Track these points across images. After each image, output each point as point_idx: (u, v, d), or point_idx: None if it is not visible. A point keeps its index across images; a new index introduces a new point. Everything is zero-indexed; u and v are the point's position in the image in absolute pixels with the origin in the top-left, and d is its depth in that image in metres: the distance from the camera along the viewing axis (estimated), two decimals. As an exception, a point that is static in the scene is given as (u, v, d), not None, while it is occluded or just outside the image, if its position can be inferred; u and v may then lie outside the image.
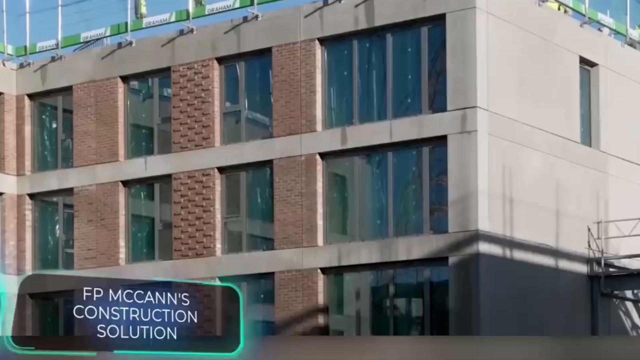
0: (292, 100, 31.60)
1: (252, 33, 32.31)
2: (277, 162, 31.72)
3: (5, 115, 36.12)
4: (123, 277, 33.15)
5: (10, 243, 35.95)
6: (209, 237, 32.73)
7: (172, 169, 33.49)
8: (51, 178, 35.93)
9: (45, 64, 36.22)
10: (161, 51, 33.91)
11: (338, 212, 31.90)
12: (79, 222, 34.97)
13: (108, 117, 34.67)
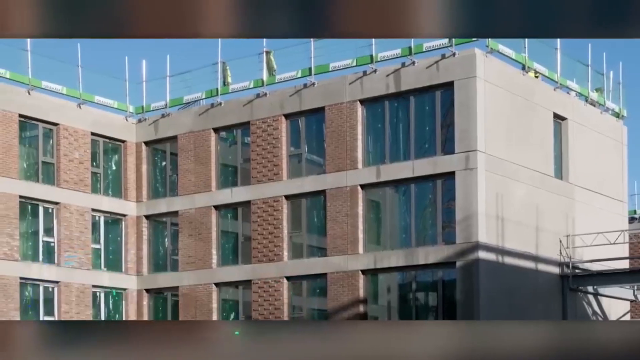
0: (339, 145, 32.16)
1: (310, 96, 32.94)
2: (328, 191, 32.41)
3: (128, 157, 36.95)
4: (214, 277, 35.73)
5: (132, 252, 36.89)
6: (278, 247, 33.43)
7: (251, 196, 34.10)
8: (161, 204, 36.65)
9: (157, 119, 36.91)
10: (243, 110, 34.48)
11: (374, 228, 32.22)
12: (182, 236, 35.83)
13: (203, 159, 35.25)
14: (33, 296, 34.19)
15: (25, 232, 34.16)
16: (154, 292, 36.96)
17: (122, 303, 36.93)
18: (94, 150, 36.18)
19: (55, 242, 34.62)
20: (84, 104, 35.76)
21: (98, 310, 36.11)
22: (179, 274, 35.96)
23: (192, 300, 35.48)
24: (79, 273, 35.00)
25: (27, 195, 33.72)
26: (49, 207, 34.52)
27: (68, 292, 34.59)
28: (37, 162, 34.54)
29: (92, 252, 35.81)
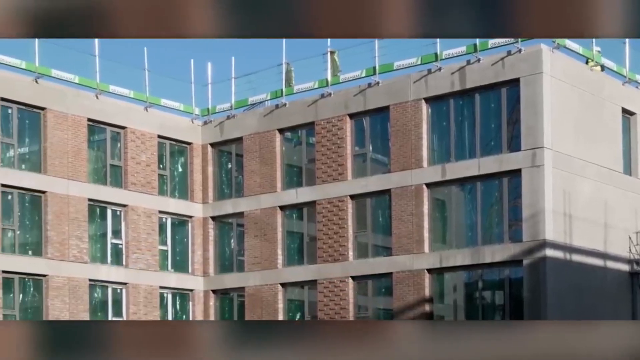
0: (404, 144, 32.56)
1: (374, 95, 33.39)
2: (393, 190, 32.84)
3: (194, 159, 37.94)
4: (280, 277, 36.48)
5: (198, 253, 37.87)
6: (343, 246, 34.01)
7: (316, 197, 34.79)
8: (227, 205, 37.53)
9: (222, 121, 37.78)
10: (307, 110, 35.13)
11: (439, 227, 32.62)
12: (248, 236, 36.66)
13: (268, 159, 36.04)
14: (102, 297, 35.44)
15: (94, 234, 35.40)
16: (220, 292, 37.90)
17: (189, 304, 37.97)
18: (160, 153, 37.28)
19: (123, 244, 35.84)
20: (150, 107, 36.88)
21: (165, 311, 37.26)
22: (245, 275, 36.81)
23: (258, 300, 36.35)
24: (147, 274, 36.16)
25: (95, 198, 34.93)
26: (117, 209, 35.72)
27: (136, 294, 35.78)
28: (105, 165, 35.77)
29: (159, 253, 36.94)
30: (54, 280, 33.39)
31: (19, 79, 33.14)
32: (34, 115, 33.63)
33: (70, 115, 34.18)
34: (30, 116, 33.60)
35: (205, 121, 38.51)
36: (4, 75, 32.64)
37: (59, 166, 33.75)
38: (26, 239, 33.58)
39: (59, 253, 33.59)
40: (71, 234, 33.88)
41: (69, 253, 33.84)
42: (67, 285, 33.65)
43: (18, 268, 32.77)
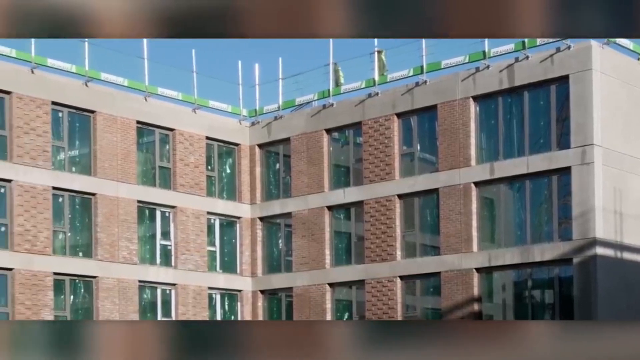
0: (452, 143, 32.68)
1: (422, 94, 33.51)
2: (442, 189, 32.99)
3: (242, 160, 38.49)
4: (328, 277, 36.71)
5: (246, 254, 38.36)
6: (391, 246, 34.19)
7: (363, 196, 35.01)
8: (275, 205, 38.01)
9: (270, 122, 38.22)
10: (354, 110, 35.36)
11: (488, 226, 32.68)
12: (296, 237, 37.07)
13: (316, 160, 36.42)
14: (151, 298, 36.00)
15: (143, 235, 36.01)
16: (268, 293, 38.26)
17: (237, 304, 38.39)
18: (208, 154, 37.80)
19: (172, 245, 36.39)
20: (199, 109, 37.41)
21: (214, 311, 37.73)
22: (293, 275, 37.13)
23: (306, 300, 36.64)
24: (195, 275, 36.63)
25: (144, 200, 35.50)
26: (165, 211, 36.27)
27: (185, 294, 36.28)
28: (154, 167, 36.35)
29: (208, 254, 37.44)
30: (104, 282, 33.98)
31: (70, 82, 33.80)
32: (84, 118, 34.26)
33: (119, 117, 34.77)
34: (81, 119, 34.24)
35: (253, 122, 39.02)
36: (55, 79, 33.30)
37: (108, 168, 34.34)
38: (77, 240, 34.22)
39: (109, 254, 34.18)
40: (121, 236, 34.44)
41: (118, 254, 34.42)
42: (117, 286, 34.24)
43: (69, 270, 33.40)
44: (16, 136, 31.90)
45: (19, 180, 32.03)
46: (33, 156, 32.34)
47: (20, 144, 32.02)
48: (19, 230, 31.87)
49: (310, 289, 36.58)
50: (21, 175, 32.05)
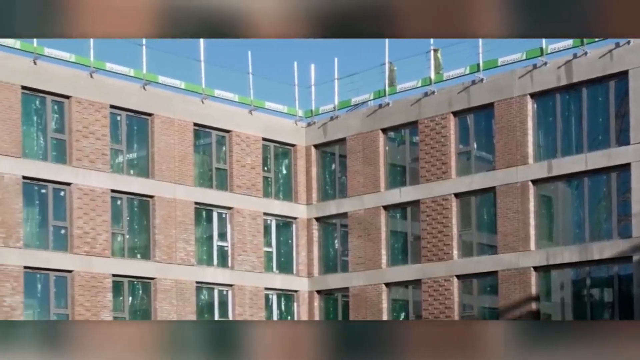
0: (509, 141, 32.67)
1: (478, 92, 33.59)
2: (498, 188, 32.98)
3: (298, 160, 38.90)
4: (384, 277, 36.82)
5: (302, 254, 38.75)
6: (448, 245, 34.30)
7: (420, 196, 35.18)
8: (331, 205, 38.32)
9: (325, 122, 38.60)
10: (410, 109, 35.49)
11: (546, 224, 32.59)
12: (352, 237, 37.30)
13: (372, 159, 36.64)
14: (208, 299, 36.46)
15: (200, 237, 36.48)
16: (324, 293, 38.51)
17: (294, 305, 38.67)
18: (265, 155, 38.22)
19: (228, 246, 36.83)
20: (255, 110, 37.83)
21: (271, 312, 38.07)
22: (349, 275, 37.30)
23: (362, 300, 36.78)
24: (252, 276, 37.02)
25: (201, 202, 35.95)
26: (222, 212, 36.72)
27: (242, 295, 36.68)
28: (210, 169, 36.81)
29: (264, 255, 37.84)
30: (162, 283, 34.49)
31: (128, 86, 34.40)
32: (141, 121, 34.84)
33: (176, 120, 35.28)
34: (138, 122, 34.83)
35: (308, 123, 39.39)
36: (113, 83, 33.92)
37: (166, 171, 34.87)
38: (135, 242, 34.79)
39: (167, 256, 34.69)
40: (178, 237, 34.94)
41: (176, 256, 34.92)
42: (174, 287, 34.73)
43: (127, 271, 33.97)
44: (75, 140, 32.55)
45: (78, 184, 32.65)
46: (92, 159, 32.97)
47: (80, 148, 32.67)
48: (78, 232, 32.51)
49: (366, 289, 36.73)
50: (80, 178, 32.69)
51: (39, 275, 31.97)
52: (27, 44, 31.50)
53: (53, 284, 32.21)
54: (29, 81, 31.56)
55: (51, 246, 32.30)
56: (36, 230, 32.37)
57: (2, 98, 30.77)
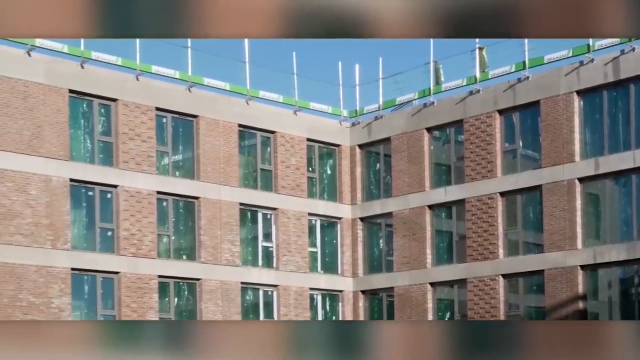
0: (555, 139, 32.68)
1: (524, 90, 33.61)
2: (545, 186, 32.97)
3: (342, 161, 39.13)
4: (429, 277, 36.93)
5: (347, 254, 39.00)
6: (493, 244, 34.36)
7: (465, 195, 35.30)
8: (376, 205, 38.50)
9: (370, 122, 38.81)
10: (455, 108, 35.64)
11: (593, 222, 32.54)
12: (397, 236, 37.51)
13: (417, 159, 36.78)
14: (253, 300, 36.88)
15: (245, 238, 36.95)
16: (369, 293, 38.73)
17: (339, 305, 38.90)
18: (309, 156, 38.59)
19: (273, 247, 37.23)
20: (299, 111, 38.20)
21: (315, 312, 38.35)
22: (394, 275, 37.52)
23: (407, 300, 36.93)
24: (297, 276, 37.37)
25: (246, 202, 36.36)
26: (267, 212, 37.11)
27: (286, 295, 37.00)
28: (255, 170, 37.26)
29: (309, 255, 38.21)
30: (207, 284, 34.92)
31: (173, 88, 34.89)
32: (187, 123, 35.31)
33: (221, 121, 35.70)
34: (184, 124, 35.30)
35: (353, 123, 39.63)
36: (159, 86, 34.43)
37: (211, 172, 35.29)
38: (180, 244, 35.27)
39: (212, 257, 35.12)
40: (223, 238, 35.34)
41: (221, 257, 35.34)
42: (219, 288, 35.14)
43: (173, 272, 34.47)
44: (122, 142, 33.10)
45: (125, 186, 33.20)
46: (138, 161, 33.49)
47: (126, 150, 33.21)
48: (124, 234, 33.06)
49: (411, 289, 36.87)
50: (127, 180, 33.23)
51: (86, 277, 32.57)
52: (74, 48, 32.11)
53: (100, 285, 32.78)
54: (76, 85, 32.21)
55: (98, 248, 32.89)
56: (83, 232, 32.97)
57: (50, 102, 31.41)
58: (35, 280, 30.84)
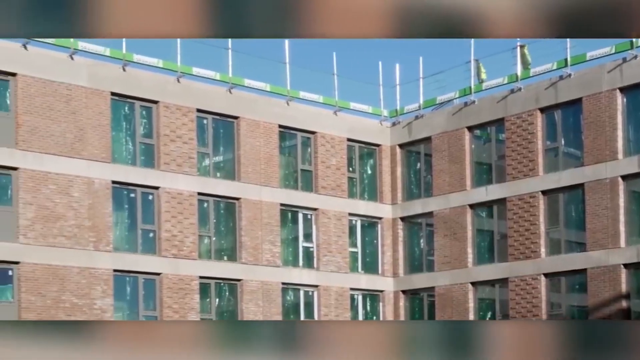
0: (598, 136, 32.76)
1: (566, 87, 33.72)
2: (587, 184, 33.10)
3: (383, 160, 39.52)
4: (470, 276, 37.13)
5: (388, 254, 39.38)
6: (535, 243, 34.45)
7: (506, 193, 35.46)
8: (416, 205, 38.82)
9: (410, 122, 39.11)
10: (496, 106, 35.78)
11: (636, 220, 32.50)
12: (437, 236, 37.82)
13: (457, 158, 37.06)
14: (294, 300, 37.40)
15: (286, 238, 37.52)
16: (410, 293, 39.05)
17: (379, 305, 39.18)
18: (349, 156, 39.00)
19: (314, 247, 37.72)
20: (339, 111, 38.64)
21: (356, 312, 38.70)
22: (435, 274, 37.84)
23: (448, 300, 37.15)
24: (337, 276, 37.80)
25: (287, 203, 36.84)
26: (307, 213, 37.59)
27: (327, 296, 37.40)
28: (296, 170, 37.80)
29: (350, 255, 38.62)
30: (248, 284, 35.41)
31: (214, 90, 35.46)
32: (227, 124, 35.83)
33: (262, 122, 36.21)
34: (224, 125, 35.82)
35: (393, 122, 40.00)
36: (200, 87, 35.01)
37: (252, 173, 35.79)
38: (221, 244, 35.83)
39: (253, 258, 35.64)
40: (264, 239, 35.80)
41: (262, 257, 35.85)
42: (260, 288, 35.62)
43: (214, 273, 35.04)
44: (163, 144, 33.68)
45: (166, 187, 33.79)
46: (179, 163, 34.05)
47: (167, 152, 33.80)
48: (166, 235, 33.63)
49: (452, 289, 37.09)
50: (168, 182, 33.81)
51: (128, 278, 33.24)
52: (116, 51, 32.75)
53: (142, 286, 33.42)
54: (118, 87, 32.90)
55: (140, 249, 33.54)
56: (125, 234, 33.62)
57: (93, 105, 32.08)
58: (78, 281, 31.49)
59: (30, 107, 30.82)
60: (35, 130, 30.88)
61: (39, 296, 30.68)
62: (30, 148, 30.79)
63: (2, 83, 30.70)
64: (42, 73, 31.12)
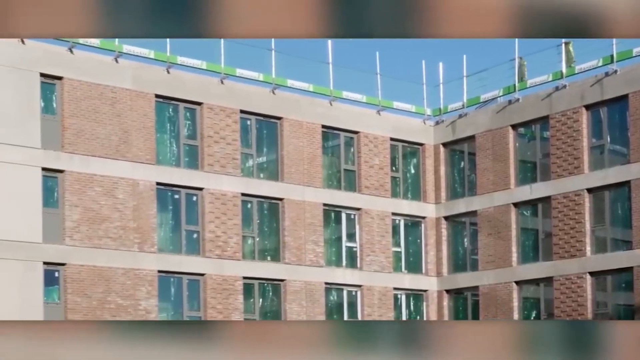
0: (645, 133, 32.89)
1: (612, 84, 33.81)
2: (633, 182, 33.18)
3: (426, 160, 39.83)
4: (515, 275, 37.35)
5: (431, 253, 39.72)
6: (580, 242, 34.58)
7: (551, 192, 35.60)
8: (460, 204, 39.13)
9: (454, 120, 39.45)
10: (541, 104, 35.95)
11: (683, 218, 32.64)
12: (482, 235, 38.03)
13: (501, 156, 37.22)
14: (337, 300, 38.05)
15: (329, 238, 38.13)
16: (454, 292, 39.46)
17: (423, 304, 39.52)
18: (393, 155, 39.48)
19: (357, 247, 38.25)
20: (383, 111, 39.15)
21: (399, 312, 39.16)
22: (479, 274, 38.17)
23: (492, 299, 37.42)
24: (381, 276, 38.34)
25: (330, 203, 37.42)
26: (351, 213, 38.13)
27: (370, 295, 37.90)
28: (339, 170, 38.36)
29: (393, 255, 39.13)
30: (292, 285, 36.00)
31: (257, 91, 36.12)
32: (271, 125, 36.45)
33: (305, 123, 36.80)
34: (268, 126, 36.46)
35: (437, 121, 40.38)
36: (243, 89, 35.68)
37: (295, 173, 36.39)
38: (265, 245, 36.47)
39: (296, 258, 36.27)
40: (307, 239, 36.36)
41: (305, 257, 36.45)
42: (304, 289, 36.20)
43: (258, 274, 35.71)
44: (207, 145, 34.37)
45: (210, 188, 34.47)
46: (223, 164, 34.71)
47: (211, 153, 34.48)
48: (210, 236, 34.30)
49: (496, 288, 37.34)
50: (212, 183, 34.50)
51: (172, 279, 33.99)
52: (160, 54, 33.47)
53: (186, 287, 34.15)
54: (162, 89, 33.69)
55: (184, 250, 34.28)
56: (169, 235, 34.39)
57: (137, 107, 32.87)
58: (123, 282, 32.27)
59: (76, 110, 31.67)
60: (81, 133, 31.73)
61: (85, 297, 31.51)
62: (76, 151, 31.66)
63: (48, 87, 31.60)
64: (87, 76, 32.01)
